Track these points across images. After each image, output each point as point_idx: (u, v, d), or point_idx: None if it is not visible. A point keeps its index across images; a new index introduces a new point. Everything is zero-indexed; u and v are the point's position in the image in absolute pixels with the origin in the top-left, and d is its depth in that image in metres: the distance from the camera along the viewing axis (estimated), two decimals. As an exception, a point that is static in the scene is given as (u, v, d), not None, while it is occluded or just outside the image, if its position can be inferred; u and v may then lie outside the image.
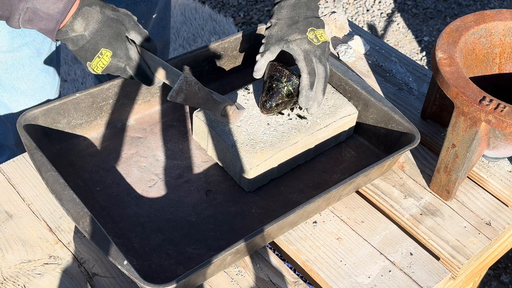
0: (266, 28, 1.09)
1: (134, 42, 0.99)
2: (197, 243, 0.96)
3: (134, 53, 0.98)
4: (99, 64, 0.96)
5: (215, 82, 1.22)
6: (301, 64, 1.04)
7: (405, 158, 1.14)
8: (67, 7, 0.91)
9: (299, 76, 1.05)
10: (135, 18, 1.00)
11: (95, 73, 0.98)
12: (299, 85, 1.05)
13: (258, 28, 1.23)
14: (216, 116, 1.02)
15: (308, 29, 1.05)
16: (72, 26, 0.92)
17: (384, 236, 1.00)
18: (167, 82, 1.00)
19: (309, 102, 1.05)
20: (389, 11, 2.94)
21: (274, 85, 1.05)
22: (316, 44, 1.05)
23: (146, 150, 1.10)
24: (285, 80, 1.05)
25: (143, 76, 1.00)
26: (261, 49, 1.09)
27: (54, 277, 0.90)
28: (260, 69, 1.08)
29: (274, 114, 1.08)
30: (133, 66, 0.98)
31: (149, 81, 1.01)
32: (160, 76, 1.00)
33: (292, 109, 1.09)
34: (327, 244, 0.98)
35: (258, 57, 1.08)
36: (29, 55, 1.20)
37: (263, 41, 1.09)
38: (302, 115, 1.08)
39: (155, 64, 1.00)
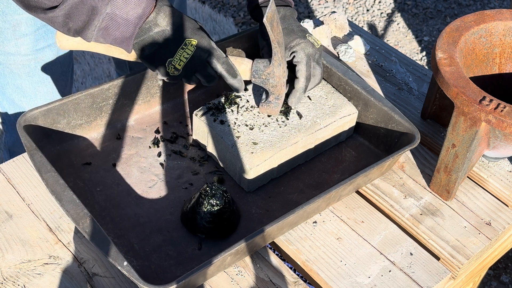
0: (262, 48, 1.13)
1: None
2: (197, 243, 0.96)
3: (215, 45, 0.99)
4: (183, 56, 0.95)
5: (215, 82, 1.22)
6: (301, 68, 1.06)
7: (405, 158, 1.14)
8: (145, 11, 0.92)
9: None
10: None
11: (173, 72, 0.96)
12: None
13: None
14: (276, 80, 1.02)
15: (306, 35, 1.09)
16: (155, 21, 0.94)
17: (384, 236, 1.00)
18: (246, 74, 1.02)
19: (299, 102, 1.09)
20: (389, 11, 2.94)
21: None
22: (317, 47, 1.09)
23: (146, 150, 1.10)
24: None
25: (229, 66, 0.99)
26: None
27: (54, 277, 0.90)
28: None
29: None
30: (218, 56, 0.98)
31: (234, 76, 1.01)
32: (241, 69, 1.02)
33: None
34: (327, 244, 0.98)
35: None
36: (50, 57, 1.21)
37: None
38: (286, 111, 1.09)
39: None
